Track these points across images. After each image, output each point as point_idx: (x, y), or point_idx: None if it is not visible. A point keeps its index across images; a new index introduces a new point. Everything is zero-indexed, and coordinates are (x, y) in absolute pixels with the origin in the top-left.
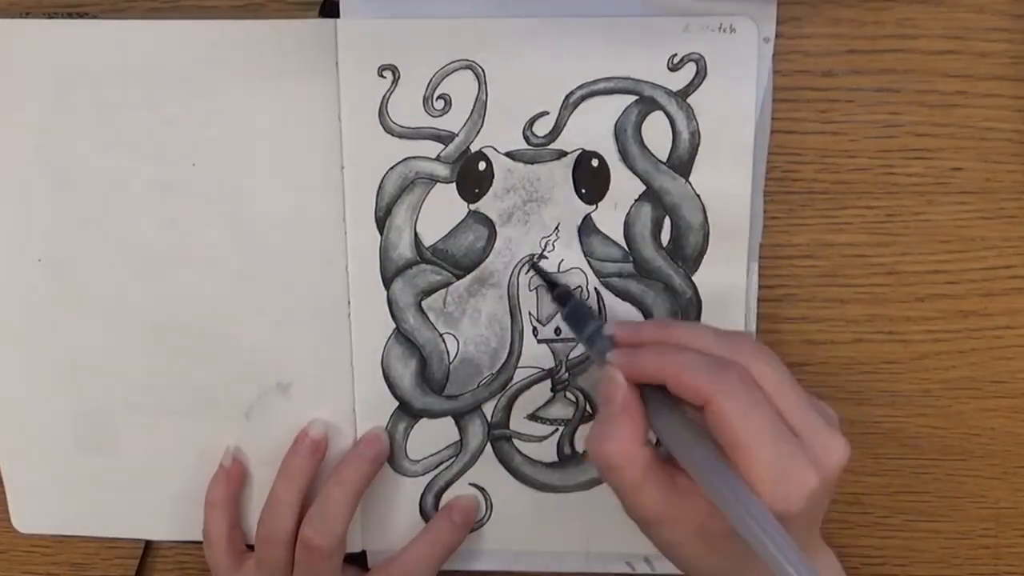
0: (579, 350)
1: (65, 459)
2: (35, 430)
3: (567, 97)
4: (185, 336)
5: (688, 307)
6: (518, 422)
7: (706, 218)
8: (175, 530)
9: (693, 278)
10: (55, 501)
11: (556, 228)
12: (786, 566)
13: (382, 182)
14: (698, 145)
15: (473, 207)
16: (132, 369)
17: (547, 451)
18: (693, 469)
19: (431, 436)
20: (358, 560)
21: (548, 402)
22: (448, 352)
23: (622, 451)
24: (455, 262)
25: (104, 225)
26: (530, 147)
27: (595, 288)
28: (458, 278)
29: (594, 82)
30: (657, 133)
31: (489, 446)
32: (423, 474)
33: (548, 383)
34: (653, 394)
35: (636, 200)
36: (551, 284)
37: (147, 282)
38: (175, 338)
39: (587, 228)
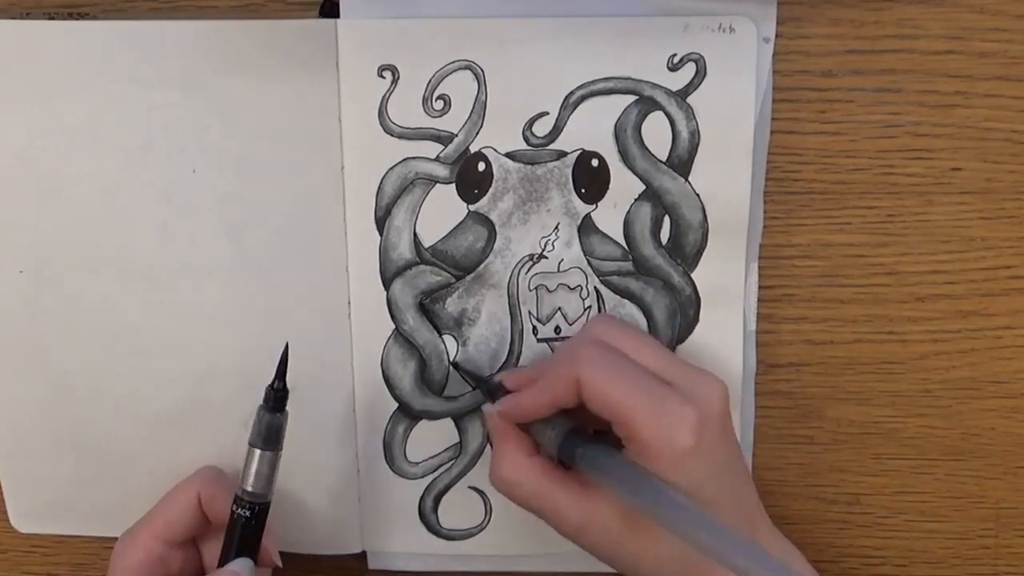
0: None
1: (63, 460)
2: (33, 432)
3: (567, 97)
4: (185, 338)
5: (687, 304)
6: None
7: (705, 217)
8: None
9: (692, 275)
10: (55, 501)
11: (556, 228)
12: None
13: (382, 182)
14: (698, 145)
15: (473, 207)
16: (126, 374)
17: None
18: (606, 478)
19: (431, 438)
20: (358, 560)
21: None
22: (448, 353)
23: (513, 466)
24: (455, 263)
25: (97, 229)
26: (530, 147)
27: (595, 287)
28: (458, 279)
29: (594, 82)
30: (657, 133)
31: (489, 448)
32: (422, 476)
33: None
34: (566, 443)
35: (636, 200)
36: (477, 380)
37: (143, 286)
38: (175, 339)
39: (587, 228)
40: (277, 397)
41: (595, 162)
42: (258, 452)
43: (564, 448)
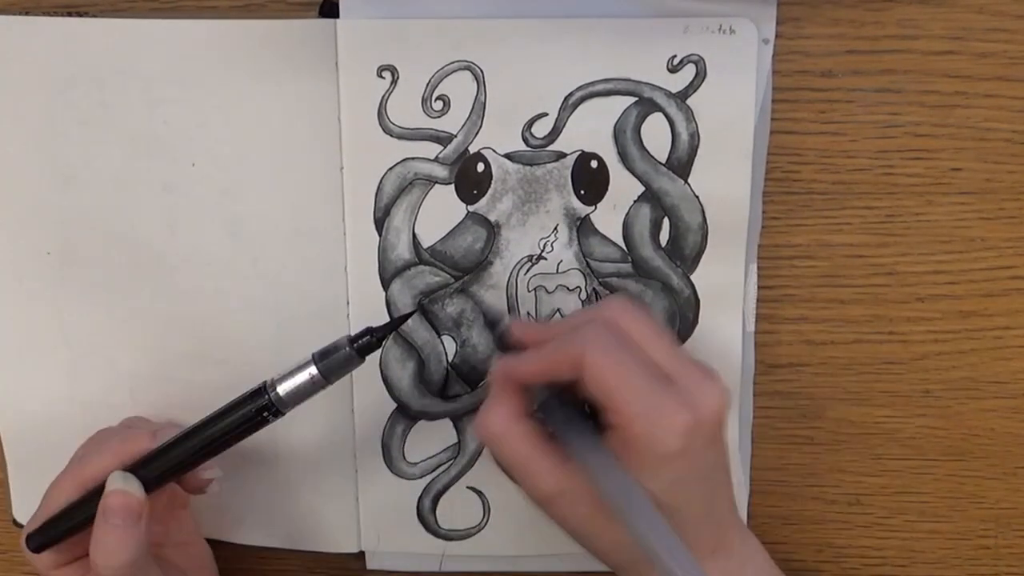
0: None
1: (70, 453)
2: (40, 424)
3: (566, 98)
4: (185, 335)
5: (686, 306)
6: None
7: (705, 219)
8: None
9: (691, 277)
10: None
11: (555, 229)
12: (667, 560)
13: (381, 183)
14: (697, 146)
15: (472, 208)
16: (136, 364)
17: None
18: (581, 460)
19: (429, 438)
20: (356, 560)
21: None
22: (446, 354)
23: (501, 420)
24: (454, 263)
25: (107, 222)
26: (529, 148)
27: (594, 288)
28: (457, 279)
29: (593, 83)
30: (656, 134)
31: (487, 448)
32: (420, 477)
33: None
34: (551, 401)
35: (635, 201)
36: (490, 320)
37: (148, 280)
38: (175, 336)
39: (586, 229)
40: (367, 344)
41: (594, 163)
42: (313, 371)
43: (547, 411)
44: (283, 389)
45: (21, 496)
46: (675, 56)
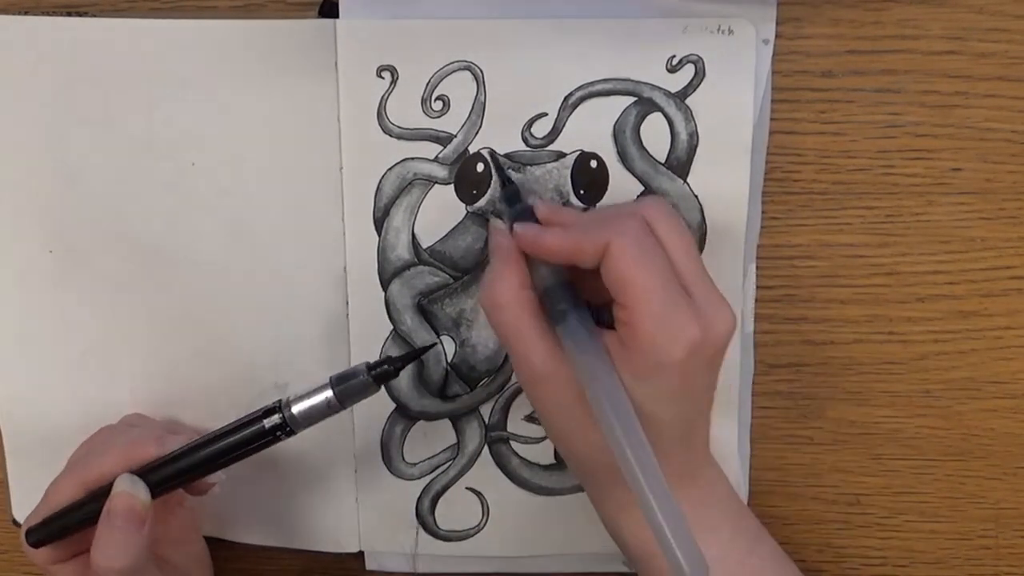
0: None
1: (70, 453)
2: (40, 424)
3: (566, 98)
4: (185, 334)
5: None
6: (515, 424)
7: (704, 218)
8: None
9: None
10: None
11: None
12: (648, 495)
13: (380, 183)
14: (696, 146)
15: (471, 208)
16: (136, 364)
17: (544, 453)
18: (581, 373)
19: (428, 439)
20: (356, 560)
21: None
22: (446, 354)
23: (508, 290)
24: (453, 263)
25: (108, 222)
26: (529, 148)
27: None
28: (456, 279)
29: (593, 83)
30: (656, 134)
31: (486, 449)
32: (420, 477)
33: None
34: (555, 284)
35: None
36: (505, 179)
37: (148, 279)
38: (175, 335)
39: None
40: (385, 372)
41: (594, 163)
42: (330, 394)
43: (550, 295)
44: (298, 409)
45: (21, 496)
46: (674, 56)
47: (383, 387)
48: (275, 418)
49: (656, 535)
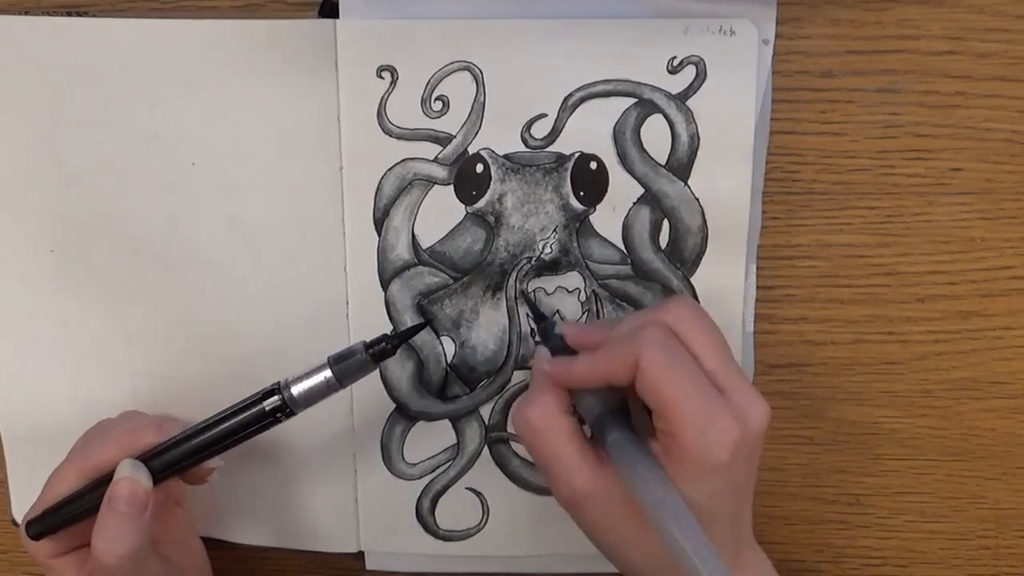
0: None
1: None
2: (41, 424)
3: (566, 99)
4: (185, 334)
5: None
6: None
7: (704, 221)
8: None
9: (691, 280)
10: None
11: (554, 230)
12: (694, 559)
13: (380, 183)
14: (697, 148)
15: (471, 209)
16: (137, 363)
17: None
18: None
19: (428, 439)
20: (356, 560)
21: None
22: (445, 355)
23: (545, 415)
24: (453, 264)
25: (108, 222)
26: (528, 149)
27: (593, 291)
28: (456, 280)
29: (593, 84)
30: (656, 136)
31: (486, 449)
32: (420, 477)
33: None
34: (591, 400)
35: (635, 203)
36: (538, 316)
37: (149, 279)
38: (176, 335)
39: (585, 230)
40: (382, 350)
41: (594, 165)
42: (328, 374)
43: (599, 424)
44: (297, 390)
45: (20, 495)
46: (675, 57)
47: (384, 388)
48: (275, 399)
49: None
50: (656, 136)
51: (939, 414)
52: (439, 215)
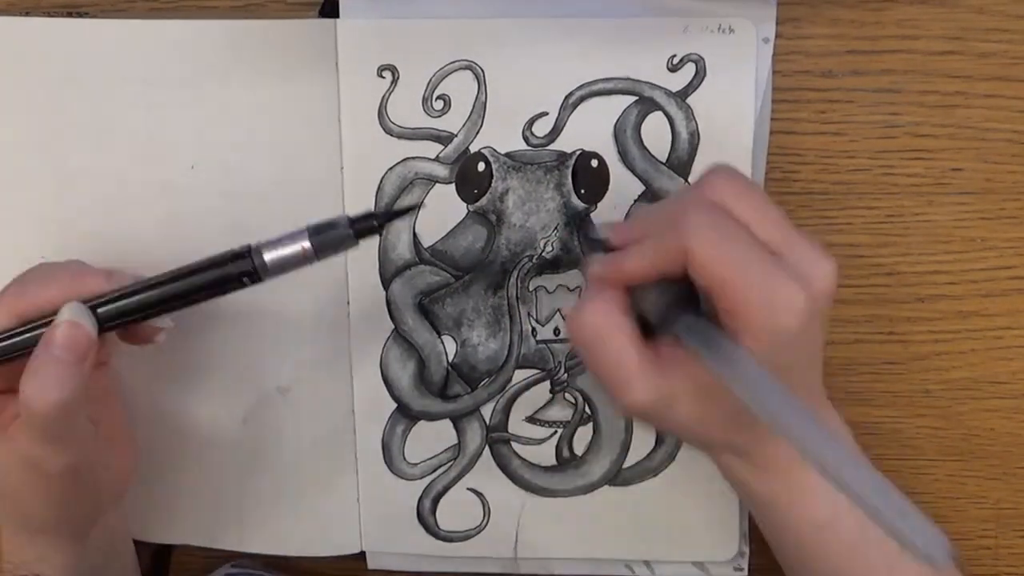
0: None
1: None
2: None
3: (567, 98)
4: (184, 336)
5: None
6: (517, 424)
7: None
8: (173, 533)
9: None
10: None
11: (555, 228)
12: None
13: (381, 182)
14: (697, 145)
15: (472, 208)
16: (136, 365)
17: (546, 454)
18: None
19: (429, 439)
20: (357, 560)
21: (547, 404)
22: (447, 354)
23: (605, 316)
24: (454, 263)
25: (106, 224)
26: (529, 148)
27: None
28: (457, 279)
29: (594, 82)
30: (656, 134)
31: (487, 449)
32: (421, 477)
33: (547, 384)
34: (649, 291)
35: (635, 200)
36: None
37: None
38: (175, 337)
39: (586, 229)
40: (368, 227)
41: (595, 162)
42: (306, 243)
43: (667, 317)
44: (269, 256)
45: None
46: (675, 55)
47: (385, 388)
48: (244, 263)
49: (870, 515)
50: (656, 134)
51: (939, 414)
52: (440, 214)
